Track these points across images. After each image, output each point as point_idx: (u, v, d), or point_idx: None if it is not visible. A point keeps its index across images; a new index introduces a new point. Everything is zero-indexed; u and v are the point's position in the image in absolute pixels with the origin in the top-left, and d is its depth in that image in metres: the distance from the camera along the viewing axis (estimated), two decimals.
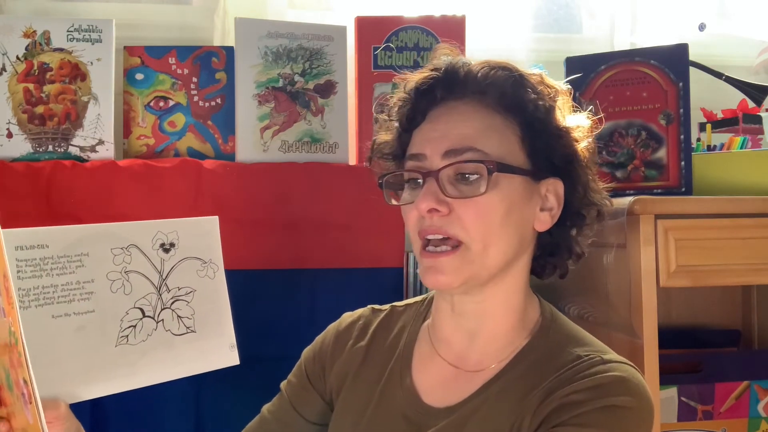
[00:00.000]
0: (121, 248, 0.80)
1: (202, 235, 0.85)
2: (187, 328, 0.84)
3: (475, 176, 0.78)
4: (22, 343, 0.58)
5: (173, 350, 0.82)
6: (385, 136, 0.90)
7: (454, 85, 0.82)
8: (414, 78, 0.85)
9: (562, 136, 0.83)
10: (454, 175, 0.79)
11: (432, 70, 0.84)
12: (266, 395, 1.00)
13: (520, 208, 0.80)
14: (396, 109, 0.87)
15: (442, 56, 0.85)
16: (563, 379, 0.77)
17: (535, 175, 0.81)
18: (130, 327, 0.80)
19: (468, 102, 0.82)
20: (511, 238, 0.80)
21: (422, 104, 0.84)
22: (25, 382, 0.60)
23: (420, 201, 0.78)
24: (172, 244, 0.83)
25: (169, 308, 0.82)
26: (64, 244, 0.76)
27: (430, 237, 0.79)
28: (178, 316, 0.83)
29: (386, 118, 0.90)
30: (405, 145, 0.86)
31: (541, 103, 0.81)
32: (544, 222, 0.83)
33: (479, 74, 0.81)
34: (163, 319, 0.82)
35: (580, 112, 0.87)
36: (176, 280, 0.83)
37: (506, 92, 0.81)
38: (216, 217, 0.86)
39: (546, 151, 0.82)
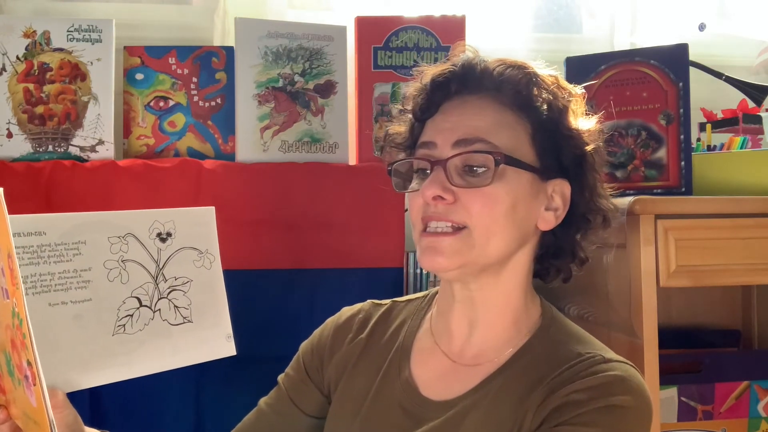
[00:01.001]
0: (118, 237, 0.79)
1: (198, 225, 0.84)
2: (184, 318, 0.83)
3: (483, 168, 0.79)
4: (27, 324, 0.58)
5: (170, 340, 0.82)
6: (398, 127, 0.91)
7: (470, 80, 0.84)
8: (431, 71, 0.86)
9: (573, 137, 0.83)
10: (462, 166, 0.80)
11: (449, 65, 0.85)
12: (265, 395, 1.00)
13: (525, 204, 0.81)
14: (411, 100, 0.88)
15: (461, 53, 0.87)
16: (565, 377, 0.78)
17: (543, 174, 0.82)
18: (127, 316, 0.79)
19: (482, 97, 0.83)
20: (513, 231, 0.81)
21: (437, 96, 0.85)
22: (29, 363, 0.59)
23: (426, 188, 0.79)
24: (168, 234, 0.82)
25: (166, 298, 0.82)
26: (62, 231, 0.76)
27: (432, 223, 0.80)
28: (175, 306, 0.83)
29: (401, 107, 0.91)
30: (417, 135, 0.87)
31: (554, 103, 0.82)
32: (548, 221, 0.84)
33: (495, 71, 0.83)
34: (159, 309, 0.81)
35: (592, 116, 0.87)
36: (173, 270, 0.82)
37: (520, 90, 0.82)
38: (212, 208, 0.85)
39: (555, 151, 0.83)
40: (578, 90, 0.87)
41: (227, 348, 0.86)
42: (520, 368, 0.82)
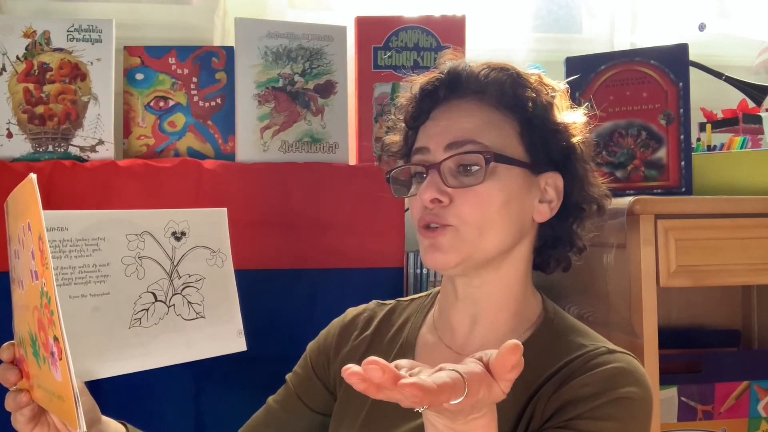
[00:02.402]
0: (136, 234, 0.83)
1: (211, 226, 0.88)
2: (197, 313, 0.86)
3: (476, 167, 0.81)
4: (56, 301, 0.60)
5: (183, 334, 0.85)
6: (393, 137, 0.95)
7: (456, 85, 0.87)
8: (419, 80, 0.90)
9: (560, 131, 0.86)
10: (456, 167, 0.83)
11: (436, 73, 0.89)
12: (266, 395, 1.00)
13: (518, 199, 0.83)
14: (402, 110, 0.92)
15: (448, 60, 0.90)
16: (573, 368, 0.80)
17: (534, 168, 0.85)
18: (143, 310, 0.83)
19: (469, 100, 0.86)
20: (509, 225, 0.83)
21: (426, 104, 0.88)
22: (56, 339, 0.61)
23: (422, 191, 0.82)
24: (183, 233, 0.85)
25: (180, 294, 0.85)
26: (82, 227, 0.79)
27: (432, 225, 0.83)
28: (189, 301, 0.86)
29: (394, 118, 0.95)
30: (412, 143, 0.90)
31: (538, 100, 0.85)
32: (543, 213, 0.86)
33: (480, 74, 0.86)
34: (174, 304, 0.85)
35: (576, 110, 0.90)
36: (187, 268, 0.86)
37: (505, 90, 0.85)
38: (224, 209, 0.89)
39: (544, 146, 0.85)
40: (561, 86, 0.90)
41: (238, 343, 0.89)
42: (525, 359, 0.83)
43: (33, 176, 0.62)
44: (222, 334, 0.87)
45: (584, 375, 0.78)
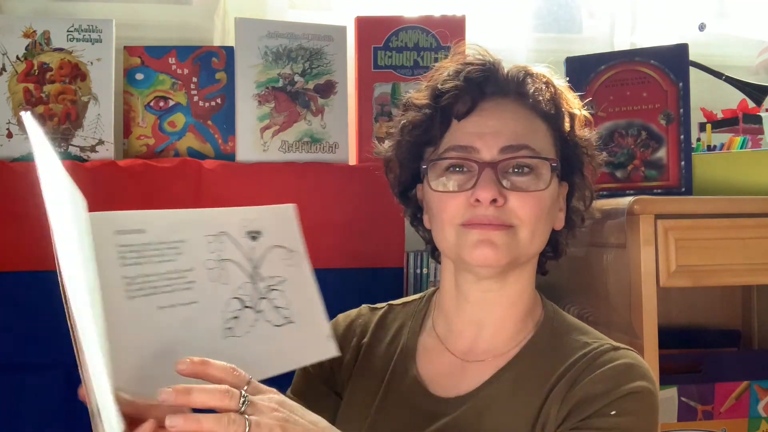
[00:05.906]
0: (213, 235, 0.75)
1: (282, 223, 0.81)
2: (286, 318, 0.78)
3: (528, 170, 0.83)
4: None
5: (276, 342, 0.77)
6: (414, 116, 0.88)
7: (501, 83, 0.86)
8: (455, 68, 0.86)
9: (580, 146, 0.89)
10: (509, 169, 0.83)
11: (479, 62, 0.86)
12: None
13: (554, 206, 0.86)
14: (443, 96, 0.85)
15: (471, 52, 0.89)
16: (582, 367, 0.81)
17: (561, 179, 0.88)
18: (233, 318, 0.75)
19: (513, 101, 0.86)
20: (547, 231, 0.86)
21: (476, 95, 0.85)
22: None
23: (482, 190, 0.80)
24: (258, 232, 0.79)
25: (266, 298, 0.78)
26: (160, 229, 0.71)
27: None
28: (275, 306, 0.78)
29: (421, 102, 0.87)
30: (441, 132, 0.86)
31: (573, 115, 0.88)
32: (561, 221, 0.89)
33: (523, 79, 0.86)
34: (262, 310, 0.77)
35: (592, 127, 0.93)
36: (267, 269, 0.78)
37: (545, 100, 0.85)
38: (294, 205, 0.82)
39: (566, 158, 0.88)
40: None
41: (329, 348, 0.82)
42: (530, 360, 0.85)
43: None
44: (312, 340, 0.80)
45: (593, 374, 0.80)
